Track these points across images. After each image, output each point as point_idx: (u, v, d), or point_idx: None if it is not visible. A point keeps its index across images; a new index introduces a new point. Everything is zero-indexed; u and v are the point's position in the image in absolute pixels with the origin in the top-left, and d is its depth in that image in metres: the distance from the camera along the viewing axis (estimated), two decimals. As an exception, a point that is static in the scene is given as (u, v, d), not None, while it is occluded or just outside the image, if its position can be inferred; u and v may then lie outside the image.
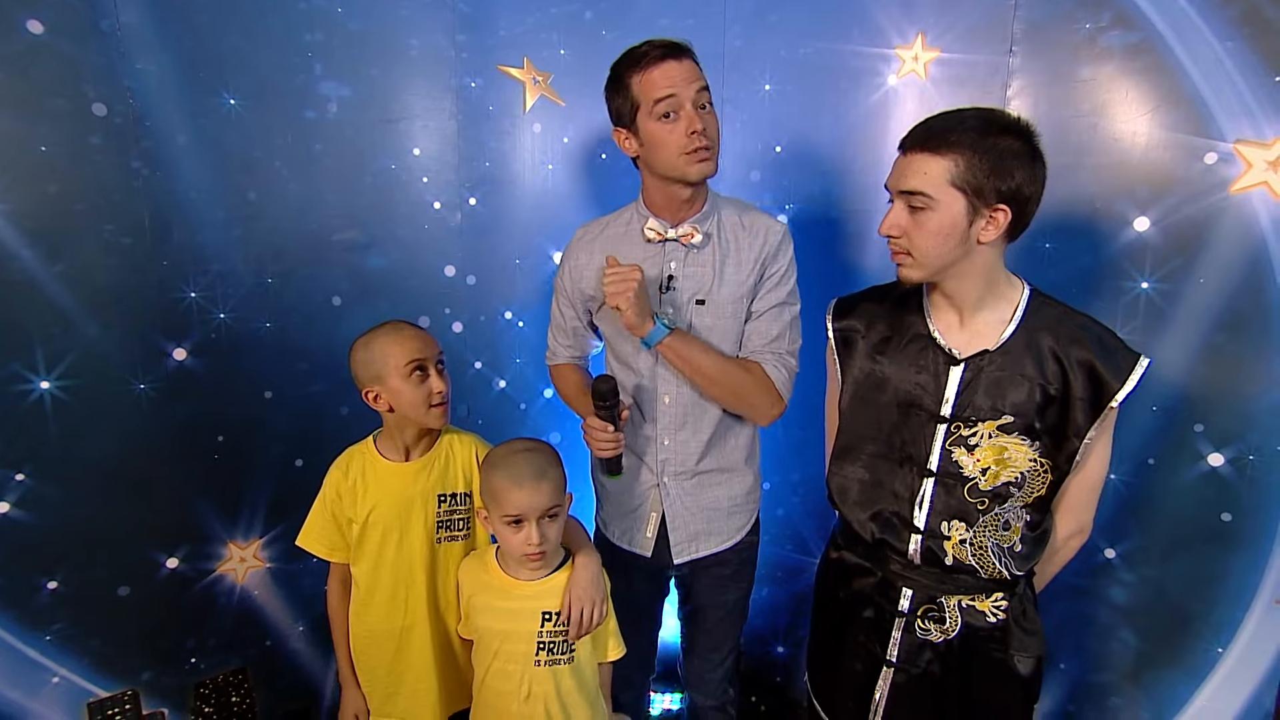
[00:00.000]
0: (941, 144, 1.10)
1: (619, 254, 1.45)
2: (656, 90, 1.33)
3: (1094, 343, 1.17)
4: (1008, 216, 1.12)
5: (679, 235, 1.42)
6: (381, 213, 1.90)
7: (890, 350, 1.28)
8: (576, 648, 1.38)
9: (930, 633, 1.29)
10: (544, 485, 1.30)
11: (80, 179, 1.57)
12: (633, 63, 1.36)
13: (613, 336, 1.53)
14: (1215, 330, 1.56)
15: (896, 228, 1.16)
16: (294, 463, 1.91)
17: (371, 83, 1.83)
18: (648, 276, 1.44)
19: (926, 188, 1.12)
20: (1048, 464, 1.20)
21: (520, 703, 1.36)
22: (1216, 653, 1.66)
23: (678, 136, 1.33)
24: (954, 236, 1.13)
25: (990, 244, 1.15)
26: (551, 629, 1.36)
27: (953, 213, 1.12)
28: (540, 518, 1.31)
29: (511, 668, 1.36)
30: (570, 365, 1.66)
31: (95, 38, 1.53)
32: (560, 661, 1.36)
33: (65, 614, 1.71)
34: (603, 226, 1.54)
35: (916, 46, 1.79)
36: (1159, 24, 1.51)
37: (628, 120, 1.38)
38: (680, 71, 1.33)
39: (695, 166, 1.35)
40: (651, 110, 1.34)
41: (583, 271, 1.52)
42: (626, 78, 1.36)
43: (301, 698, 2.05)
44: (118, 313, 1.66)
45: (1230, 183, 1.50)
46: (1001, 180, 1.10)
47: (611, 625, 1.45)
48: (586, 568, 1.39)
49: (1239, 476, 1.58)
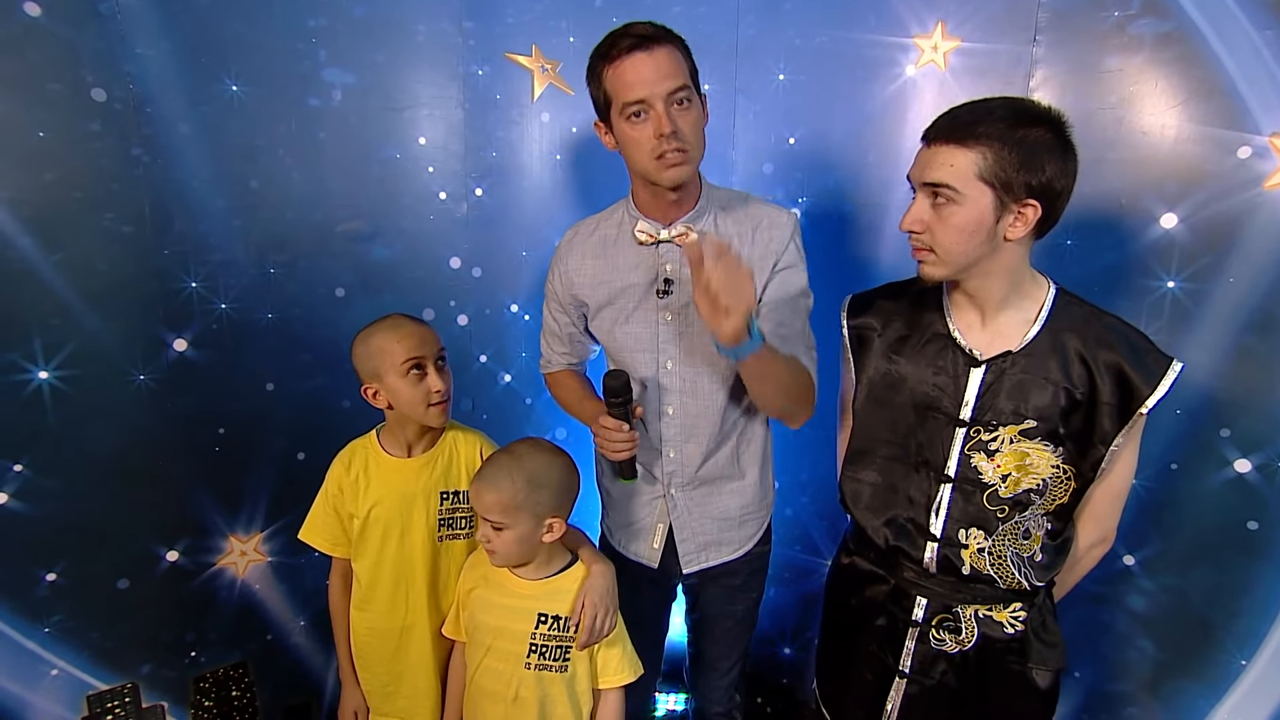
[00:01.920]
0: (969, 135, 1.05)
1: (612, 257, 1.38)
2: (623, 88, 1.21)
3: (1123, 345, 1.12)
4: (1037, 212, 1.07)
5: (673, 237, 1.34)
6: (386, 203, 1.86)
7: (907, 350, 1.24)
8: (572, 659, 1.33)
9: (945, 643, 1.25)
10: (487, 492, 1.26)
11: (79, 166, 1.55)
12: (603, 53, 1.24)
13: (611, 346, 1.45)
14: (1244, 332, 1.50)
15: (919, 223, 1.11)
16: (296, 456, 1.88)
17: (376, 70, 1.79)
18: (643, 281, 1.38)
19: (953, 180, 1.06)
20: (1071, 470, 1.15)
21: (508, 705, 1.32)
22: (1239, 665, 1.61)
23: (647, 138, 1.22)
24: (980, 233, 1.08)
25: (1017, 241, 1.10)
26: (545, 632, 1.31)
27: (980, 208, 1.06)
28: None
29: (501, 667, 1.33)
30: (567, 372, 1.59)
31: (94, 21, 1.51)
32: (551, 669, 1.31)
33: (64, 606, 1.70)
34: (593, 227, 1.44)
35: (936, 35, 1.73)
36: (1192, 11, 1.45)
37: (604, 116, 1.29)
38: (651, 65, 1.19)
39: (666, 172, 1.24)
40: (621, 110, 1.23)
41: (573, 277, 1.43)
42: (599, 68, 1.25)
43: (303, 693, 2.03)
44: (117, 303, 1.64)
45: (1265, 178, 1.44)
46: (1031, 174, 1.04)
47: (620, 648, 1.37)
48: (604, 576, 1.34)
49: (1267, 483, 1.53)
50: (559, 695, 1.33)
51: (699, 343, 1.37)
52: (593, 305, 1.42)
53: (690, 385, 1.40)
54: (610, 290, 1.40)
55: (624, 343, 1.40)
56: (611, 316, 1.41)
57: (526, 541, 1.29)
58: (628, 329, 1.40)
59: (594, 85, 1.29)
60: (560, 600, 1.32)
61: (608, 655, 1.36)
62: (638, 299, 1.38)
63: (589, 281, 1.41)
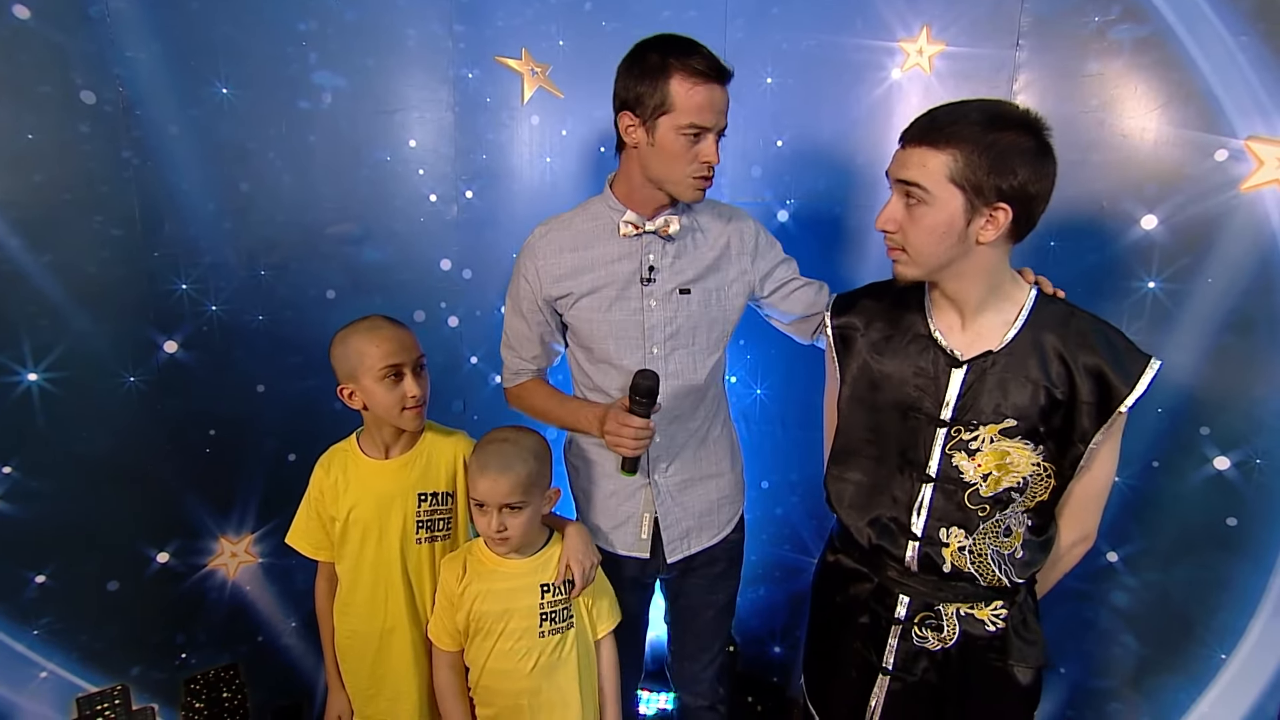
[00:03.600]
0: (941, 137, 1.06)
1: (592, 248, 1.41)
2: (696, 109, 1.27)
3: (1103, 345, 1.13)
4: (1008, 216, 1.07)
5: (656, 228, 1.39)
6: (377, 205, 1.87)
7: (890, 350, 1.25)
8: (575, 613, 1.43)
9: (928, 641, 1.26)
10: (506, 477, 1.32)
11: (68, 168, 1.55)
12: (682, 65, 1.27)
13: (592, 334, 1.43)
14: (1223, 331, 1.53)
15: (892, 222, 1.12)
16: (287, 457, 1.89)
17: (367, 73, 1.80)
18: (625, 270, 1.41)
19: (923, 181, 1.07)
20: (1051, 469, 1.17)
21: (526, 676, 1.38)
22: (1219, 659, 1.63)
23: (692, 160, 1.31)
24: (950, 235, 1.09)
25: (991, 244, 1.10)
26: (551, 599, 1.40)
27: (949, 210, 1.07)
28: (502, 506, 1.33)
29: (517, 645, 1.38)
30: (536, 380, 1.58)
31: (84, 24, 1.51)
32: (562, 629, 1.41)
33: (53, 608, 1.69)
34: (566, 223, 1.45)
35: (921, 39, 1.75)
36: (1170, 17, 1.48)
37: (647, 114, 1.30)
38: (722, 101, 1.31)
39: (694, 192, 1.35)
40: (681, 125, 1.28)
41: (550, 270, 1.42)
42: (669, 73, 1.27)
43: (293, 694, 2.03)
44: (108, 305, 1.63)
45: (1241, 180, 1.47)
46: (1002, 178, 1.05)
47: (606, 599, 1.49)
48: (579, 534, 1.44)
49: (1245, 481, 1.55)
50: (572, 646, 1.43)
51: (684, 326, 1.44)
52: (573, 295, 1.43)
53: (676, 368, 1.44)
54: (593, 279, 1.41)
55: (607, 330, 1.42)
56: (593, 305, 1.42)
57: (536, 515, 1.39)
58: (610, 316, 1.42)
59: (650, 83, 1.29)
60: (555, 568, 1.41)
61: (599, 606, 1.48)
62: (620, 287, 1.41)
63: (568, 273, 1.42)
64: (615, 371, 1.45)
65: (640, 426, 1.32)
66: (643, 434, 1.33)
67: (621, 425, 1.33)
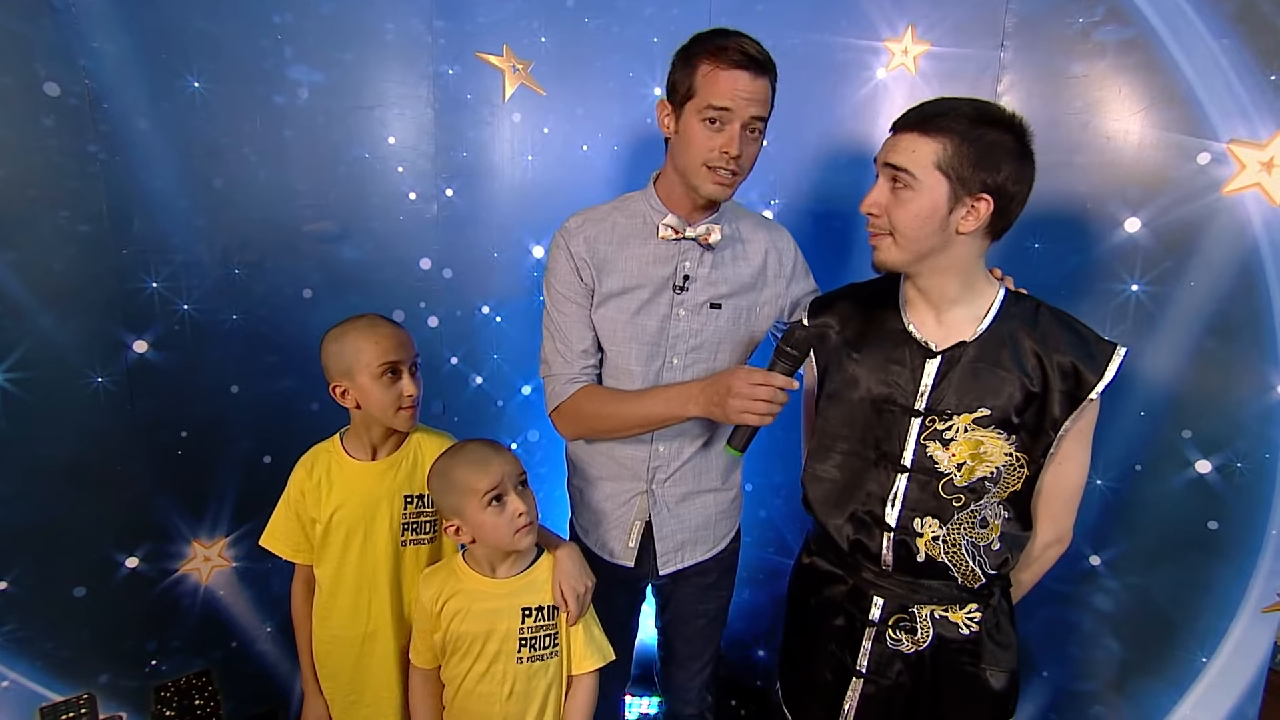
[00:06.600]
0: (932, 126, 1.09)
1: (626, 249, 1.37)
2: (716, 93, 1.23)
3: (1070, 337, 1.15)
4: (989, 207, 1.10)
5: (697, 235, 1.35)
6: (355, 203, 1.83)
7: (864, 345, 1.26)
8: (562, 642, 1.35)
9: (901, 643, 1.26)
10: (506, 454, 1.30)
11: (32, 163, 1.50)
12: (712, 50, 1.25)
13: (612, 337, 1.38)
14: (1205, 334, 1.53)
15: (877, 205, 1.15)
16: (262, 459, 1.85)
17: (344, 68, 1.76)
18: (659, 275, 1.36)
19: (911, 166, 1.10)
20: (1024, 458, 1.18)
21: (503, 703, 1.32)
22: (1200, 662, 1.63)
23: (710, 146, 1.26)
24: (934, 220, 1.11)
25: (970, 236, 1.13)
26: (532, 624, 1.32)
27: (934, 196, 1.10)
28: (516, 484, 1.29)
29: (494, 668, 1.32)
30: (591, 385, 1.41)
31: (47, 14, 1.46)
32: (542, 657, 1.33)
33: (16, 615, 1.64)
34: (603, 217, 1.39)
35: (906, 39, 1.74)
36: (1153, 19, 1.48)
37: (678, 100, 1.29)
38: (750, 88, 1.24)
39: (710, 185, 1.28)
40: (701, 109, 1.25)
41: (586, 258, 1.36)
42: (697, 60, 1.26)
43: (268, 701, 1.99)
44: (74, 303, 1.59)
45: (1223, 184, 1.47)
46: (987, 172, 1.09)
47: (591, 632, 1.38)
48: (572, 556, 1.36)
49: (1226, 484, 1.55)
50: (555, 679, 1.35)
51: (709, 340, 1.40)
52: (600, 293, 1.38)
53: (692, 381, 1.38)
54: (624, 279, 1.37)
55: (630, 334, 1.38)
56: (620, 306, 1.38)
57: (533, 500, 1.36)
58: (636, 320, 1.38)
59: (682, 70, 1.28)
60: (539, 591, 1.34)
61: (586, 637, 1.37)
62: (652, 292, 1.37)
63: (602, 266, 1.37)
64: (626, 379, 1.41)
65: (784, 385, 1.19)
66: (781, 396, 1.20)
67: (756, 386, 1.17)
